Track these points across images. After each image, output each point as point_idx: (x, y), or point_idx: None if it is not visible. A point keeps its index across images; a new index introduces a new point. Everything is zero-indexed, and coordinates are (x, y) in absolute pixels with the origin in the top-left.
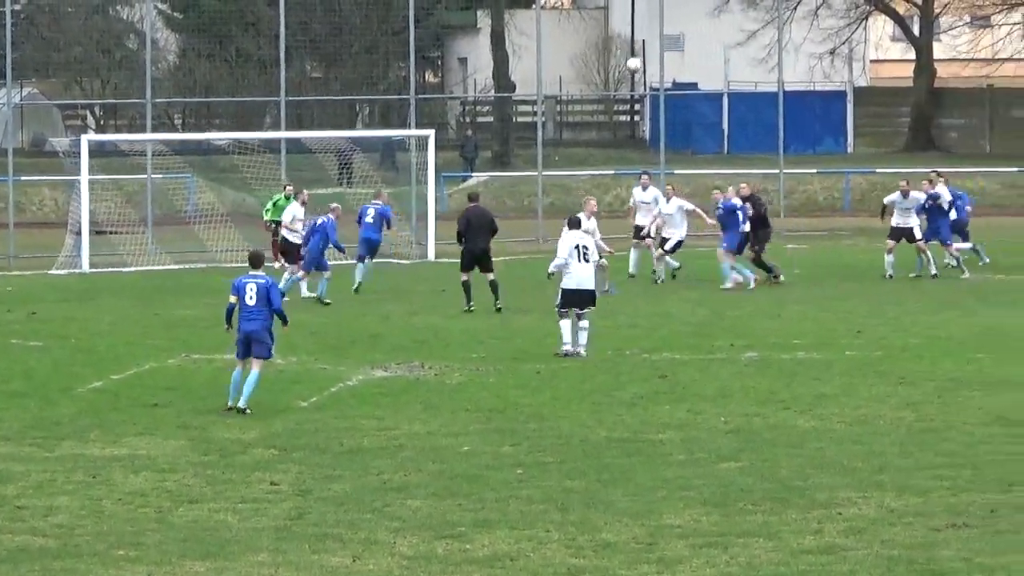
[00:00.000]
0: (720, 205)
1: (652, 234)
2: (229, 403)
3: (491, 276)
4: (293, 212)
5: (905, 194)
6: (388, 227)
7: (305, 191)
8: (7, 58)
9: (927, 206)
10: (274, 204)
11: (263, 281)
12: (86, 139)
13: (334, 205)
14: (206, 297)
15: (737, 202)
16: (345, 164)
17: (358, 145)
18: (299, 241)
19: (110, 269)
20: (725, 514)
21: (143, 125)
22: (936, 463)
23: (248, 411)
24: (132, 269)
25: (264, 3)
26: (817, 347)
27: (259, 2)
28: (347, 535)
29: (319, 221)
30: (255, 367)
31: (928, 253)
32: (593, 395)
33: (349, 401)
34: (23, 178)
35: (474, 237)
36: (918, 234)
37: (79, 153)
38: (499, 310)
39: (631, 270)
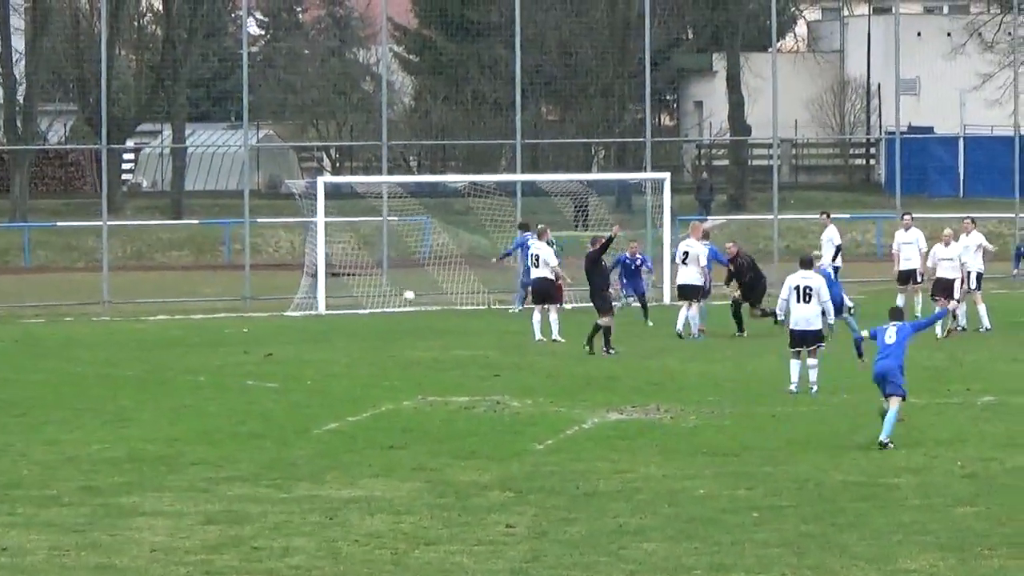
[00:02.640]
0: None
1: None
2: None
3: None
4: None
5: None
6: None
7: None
8: (244, 100)
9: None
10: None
11: (901, 323)
12: (322, 181)
13: None
14: (441, 339)
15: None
16: (581, 207)
17: (593, 188)
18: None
19: (346, 311)
20: (962, 559)
21: (379, 167)
22: None
23: (891, 445)
24: (367, 311)
25: (500, 46)
26: None
27: (495, 44)
28: None
29: None
30: (893, 404)
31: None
32: (829, 439)
33: (585, 444)
34: (259, 220)
35: None
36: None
37: (315, 195)
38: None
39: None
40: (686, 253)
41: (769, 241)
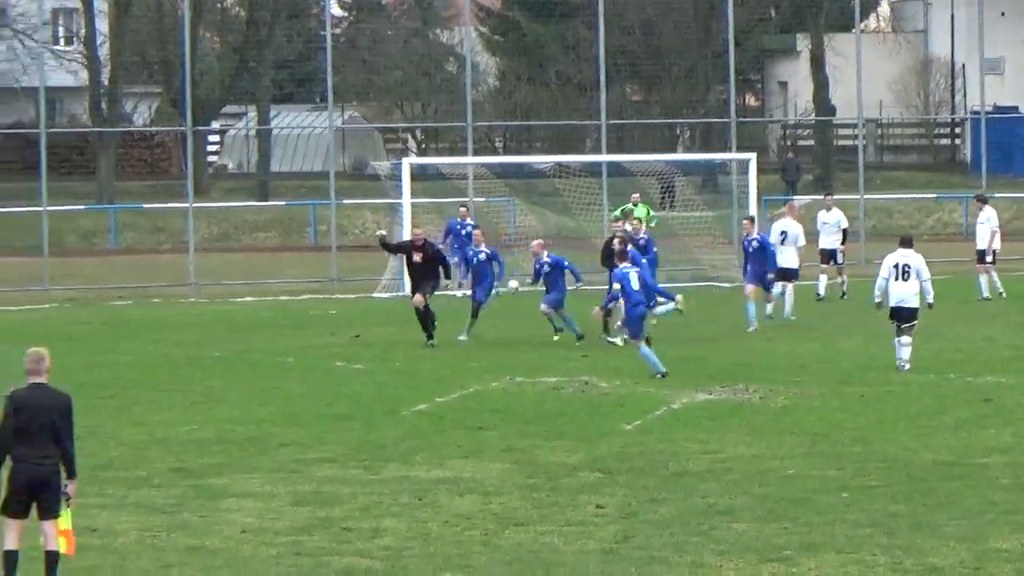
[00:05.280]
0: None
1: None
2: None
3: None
4: None
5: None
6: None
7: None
8: (328, 82)
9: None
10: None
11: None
12: (407, 162)
13: None
14: (528, 320)
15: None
16: (667, 187)
17: (679, 168)
18: None
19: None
20: None
21: (464, 148)
22: None
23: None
24: (455, 293)
25: (583, 26)
26: None
27: (578, 25)
28: (673, 558)
29: None
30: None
31: None
32: (918, 419)
33: (673, 424)
34: (345, 201)
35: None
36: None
37: (400, 176)
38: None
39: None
40: (784, 233)
41: (855, 221)
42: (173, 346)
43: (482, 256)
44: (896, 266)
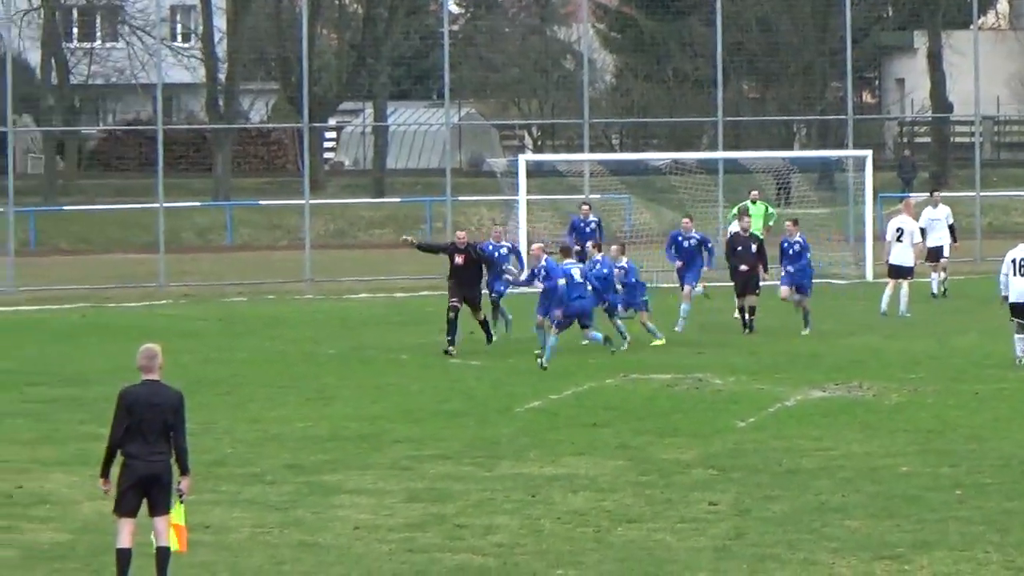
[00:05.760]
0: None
1: None
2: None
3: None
4: None
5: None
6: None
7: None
8: (445, 79)
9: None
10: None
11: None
12: (523, 159)
13: None
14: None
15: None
16: (783, 184)
17: (795, 165)
18: None
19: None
20: None
21: (580, 145)
22: None
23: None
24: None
25: (700, 23)
26: None
27: (695, 22)
28: (786, 555)
29: None
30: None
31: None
32: None
33: (787, 421)
34: (460, 198)
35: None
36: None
37: (516, 173)
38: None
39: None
40: (900, 230)
41: (971, 219)
42: (288, 342)
43: (503, 251)
44: (1014, 261)
